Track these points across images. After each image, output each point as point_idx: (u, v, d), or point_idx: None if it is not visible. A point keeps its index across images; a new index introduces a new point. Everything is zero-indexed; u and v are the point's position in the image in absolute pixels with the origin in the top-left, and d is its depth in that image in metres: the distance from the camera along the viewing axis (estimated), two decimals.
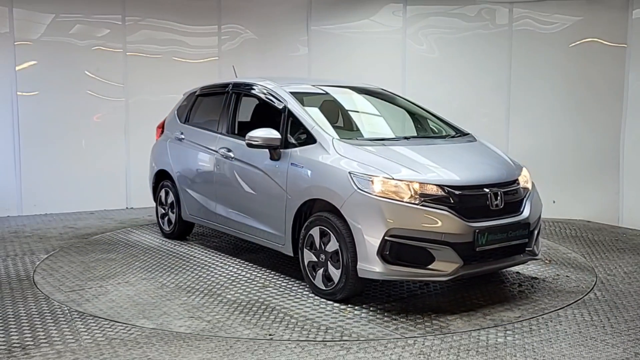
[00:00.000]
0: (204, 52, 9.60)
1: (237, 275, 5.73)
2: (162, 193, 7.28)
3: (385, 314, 4.68)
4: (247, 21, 9.69)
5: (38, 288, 5.28)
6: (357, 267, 4.69)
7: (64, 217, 8.50)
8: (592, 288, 5.38)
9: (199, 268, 5.96)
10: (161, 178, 7.34)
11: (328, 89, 6.28)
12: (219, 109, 6.55)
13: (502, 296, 5.16)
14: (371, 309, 4.79)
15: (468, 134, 5.88)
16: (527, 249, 5.06)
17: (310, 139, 5.27)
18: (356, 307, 4.82)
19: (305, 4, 9.51)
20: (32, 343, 4.08)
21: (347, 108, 6.16)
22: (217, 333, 4.29)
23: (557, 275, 5.74)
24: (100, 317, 4.57)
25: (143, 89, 9.29)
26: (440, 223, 4.54)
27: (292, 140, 5.41)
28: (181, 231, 7.11)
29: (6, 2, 8.39)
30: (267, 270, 5.86)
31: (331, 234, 4.87)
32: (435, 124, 6.13)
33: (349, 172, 4.78)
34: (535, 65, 8.69)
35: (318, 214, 5.03)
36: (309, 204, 5.17)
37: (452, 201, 4.62)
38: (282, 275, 5.68)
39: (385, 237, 4.52)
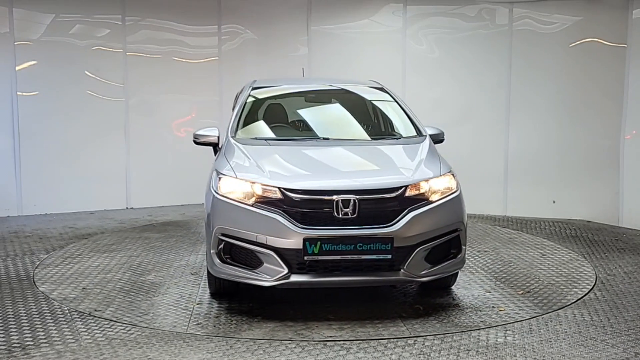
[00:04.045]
0: (204, 52, 9.60)
1: (194, 263, 6.15)
2: None
3: (220, 314, 4.71)
4: (247, 21, 9.69)
5: (38, 288, 5.28)
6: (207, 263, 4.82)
7: (64, 217, 8.50)
8: (592, 288, 5.37)
9: (183, 252, 6.52)
10: None
11: (304, 90, 6.35)
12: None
13: (366, 312, 4.71)
14: (222, 307, 4.84)
15: (422, 135, 5.47)
16: (401, 267, 4.45)
17: None
18: (214, 304, 4.92)
19: (305, 4, 9.51)
20: (32, 343, 4.08)
21: (296, 109, 6.16)
22: (74, 307, 4.84)
23: (493, 307, 4.84)
24: (99, 317, 4.59)
25: (143, 89, 9.28)
26: (265, 227, 4.39)
27: None
28: None
29: (6, 2, 8.38)
30: None
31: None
32: (393, 124, 5.84)
33: (215, 170, 4.89)
34: (535, 66, 8.69)
35: None
36: None
37: (287, 205, 4.44)
38: None
39: (218, 236, 4.56)
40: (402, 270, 4.47)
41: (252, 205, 4.49)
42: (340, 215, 4.41)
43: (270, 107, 6.12)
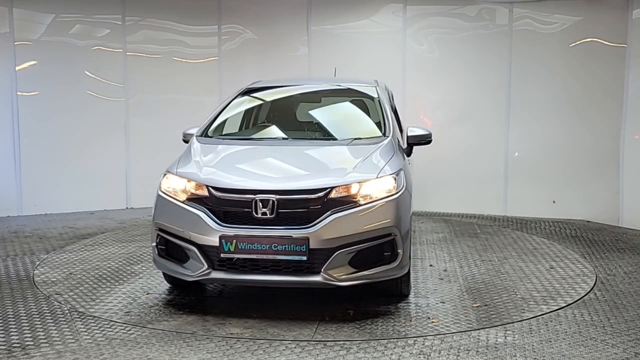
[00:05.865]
0: (204, 52, 9.60)
1: None
2: None
3: (156, 305, 4.86)
4: (247, 21, 9.69)
5: (38, 288, 5.29)
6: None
7: (64, 217, 8.50)
8: (592, 288, 5.37)
9: None
10: None
11: (295, 92, 6.39)
12: None
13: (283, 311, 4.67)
14: (166, 298, 5.01)
15: (386, 136, 5.33)
16: (320, 270, 4.38)
17: None
18: (162, 295, 5.10)
19: (305, 4, 9.51)
20: (32, 343, 4.08)
21: (278, 110, 6.21)
22: (44, 289, 5.25)
23: (428, 318, 4.59)
24: (99, 317, 4.59)
25: (143, 89, 9.29)
26: (190, 223, 4.53)
27: None
28: None
29: (6, 2, 8.39)
30: None
31: None
32: (363, 124, 5.83)
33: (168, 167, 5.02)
34: (535, 66, 8.69)
35: None
36: None
37: (212, 203, 4.53)
38: None
39: (156, 231, 4.74)
40: (321, 272, 4.39)
41: (183, 202, 4.63)
42: (259, 215, 4.45)
43: (252, 107, 6.18)
